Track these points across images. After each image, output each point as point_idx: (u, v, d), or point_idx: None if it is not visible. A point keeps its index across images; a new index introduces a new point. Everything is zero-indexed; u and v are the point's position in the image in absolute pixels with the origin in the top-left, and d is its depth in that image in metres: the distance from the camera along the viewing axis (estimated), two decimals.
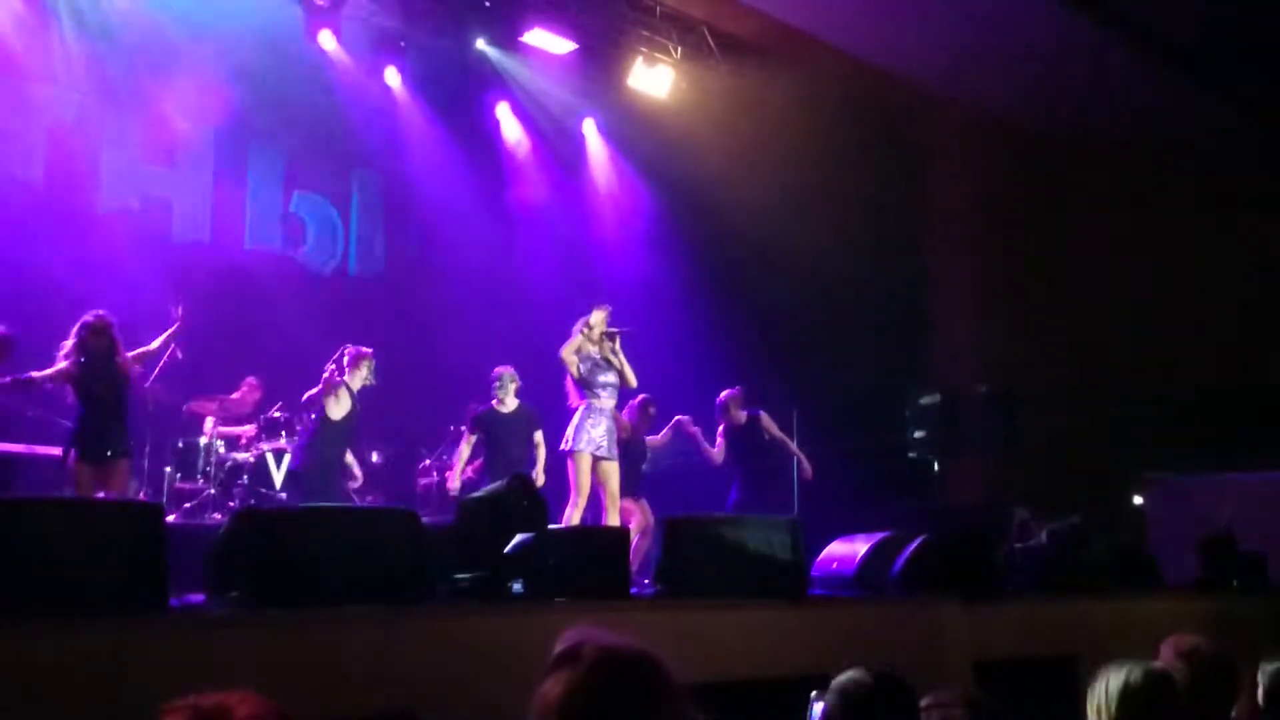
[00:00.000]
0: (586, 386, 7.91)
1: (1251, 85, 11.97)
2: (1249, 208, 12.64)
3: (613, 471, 7.94)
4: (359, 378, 8.89)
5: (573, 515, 7.76)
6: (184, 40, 10.55)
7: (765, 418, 9.57)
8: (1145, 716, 2.86)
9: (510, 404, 8.94)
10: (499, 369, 9.04)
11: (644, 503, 9.42)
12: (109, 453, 7.48)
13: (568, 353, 7.96)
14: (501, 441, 8.83)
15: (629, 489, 8.99)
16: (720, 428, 9.57)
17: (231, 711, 1.54)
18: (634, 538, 8.37)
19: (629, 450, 9.11)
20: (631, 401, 9.34)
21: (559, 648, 1.66)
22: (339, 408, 8.84)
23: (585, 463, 7.78)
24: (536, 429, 8.95)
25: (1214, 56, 11.63)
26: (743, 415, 9.57)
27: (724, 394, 9.65)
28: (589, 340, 7.97)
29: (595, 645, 1.63)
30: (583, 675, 1.59)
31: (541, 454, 8.88)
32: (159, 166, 11.01)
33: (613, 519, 7.86)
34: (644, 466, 9.60)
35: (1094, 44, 11.53)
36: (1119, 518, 11.94)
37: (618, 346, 8.11)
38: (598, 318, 8.03)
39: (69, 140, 10.46)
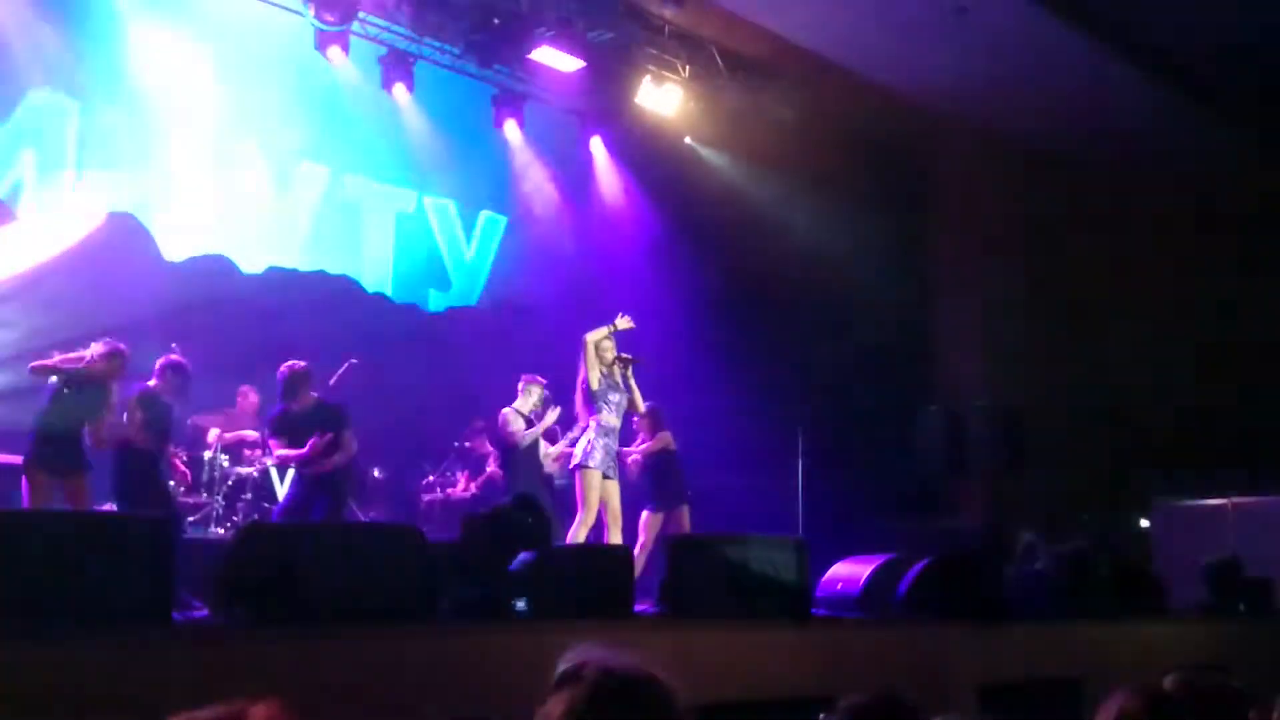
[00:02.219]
0: (597, 400, 7.87)
1: (1261, 110, 11.99)
2: (1258, 231, 12.65)
3: (615, 490, 7.91)
4: (529, 403, 9.11)
5: (579, 532, 7.71)
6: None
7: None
8: None
9: (305, 401, 8.06)
10: (288, 366, 8.08)
11: (684, 512, 9.25)
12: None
13: (591, 369, 7.87)
14: (294, 442, 8.08)
15: (664, 501, 9.09)
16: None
17: (246, 717, 1.52)
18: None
19: (656, 461, 9.20)
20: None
21: (561, 667, 1.65)
22: (529, 435, 9.19)
23: (595, 480, 7.73)
24: (336, 429, 7.98)
25: (1223, 81, 11.66)
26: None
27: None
28: (601, 361, 7.93)
29: (597, 666, 1.62)
30: (585, 696, 1.58)
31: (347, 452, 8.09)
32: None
33: (614, 537, 7.82)
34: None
35: (1101, 67, 11.56)
36: (1125, 541, 11.91)
37: (630, 372, 8.06)
38: (609, 346, 7.98)
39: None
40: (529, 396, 9.13)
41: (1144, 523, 12.48)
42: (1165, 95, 12.08)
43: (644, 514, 9.10)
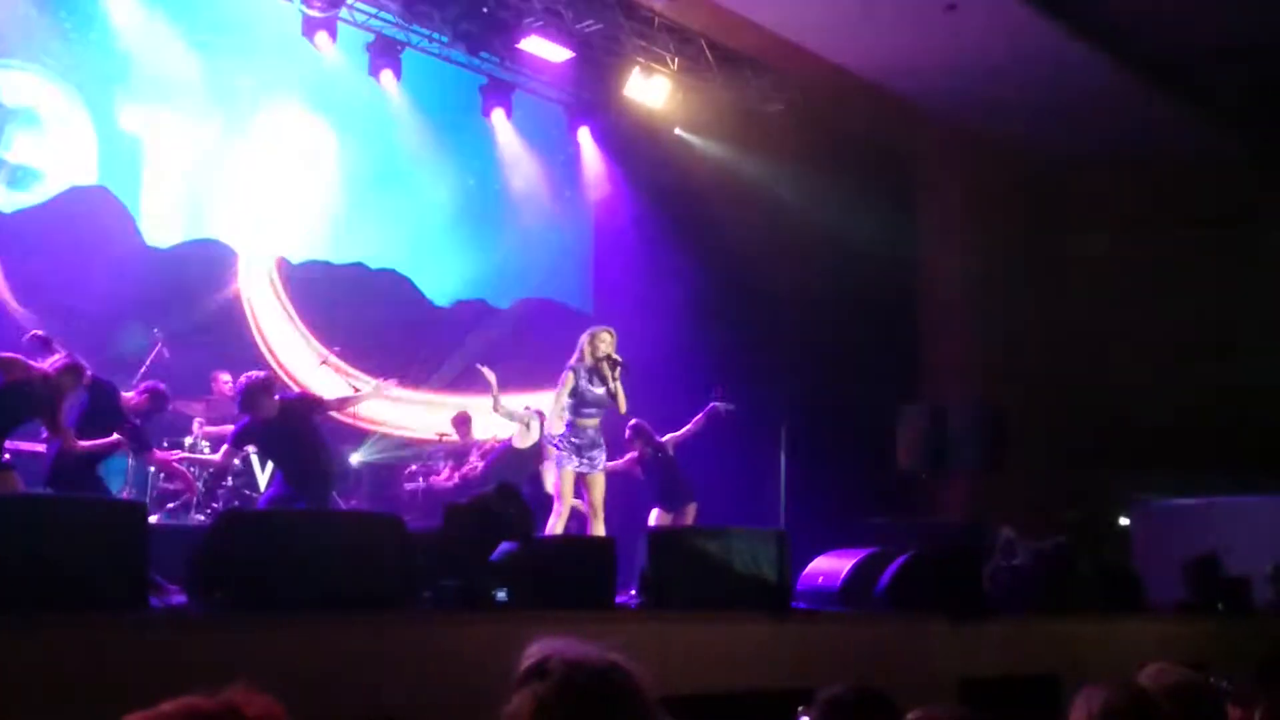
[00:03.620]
0: (579, 401, 7.85)
1: (1243, 103, 12.03)
2: (1244, 230, 12.70)
3: (596, 482, 7.91)
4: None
5: (555, 525, 7.73)
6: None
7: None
8: None
9: (269, 410, 7.61)
10: (246, 378, 7.72)
11: (691, 509, 9.59)
12: None
13: (564, 390, 7.87)
14: (276, 451, 7.93)
15: (673, 500, 9.53)
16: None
17: (240, 710, 1.49)
18: None
19: (656, 467, 9.59)
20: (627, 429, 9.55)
21: (525, 662, 1.62)
22: (527, 438, 9.30)
23: (569, 477, 7.78)
24: (313, 413, 7.88)
25: (1212, 81, 11.70)
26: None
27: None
28: (592, 355, 7.90)
29: (563, 658, 1.58)
30: (553, 690, 1.55)
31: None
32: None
33: (597, 529, 7.83)
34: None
35: (1085, 61, 11.59)
36: (1105, 539, 11.96)
37: (617, 374, 7.97)
38: (601, 342, 7.93)
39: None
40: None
41: (1124, 521, 12.53)
42: (1152, 93, 12.11)
43: (654, 511, 9.60)
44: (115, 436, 7.42)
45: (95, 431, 7.33)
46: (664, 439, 9.73)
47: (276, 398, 7.64)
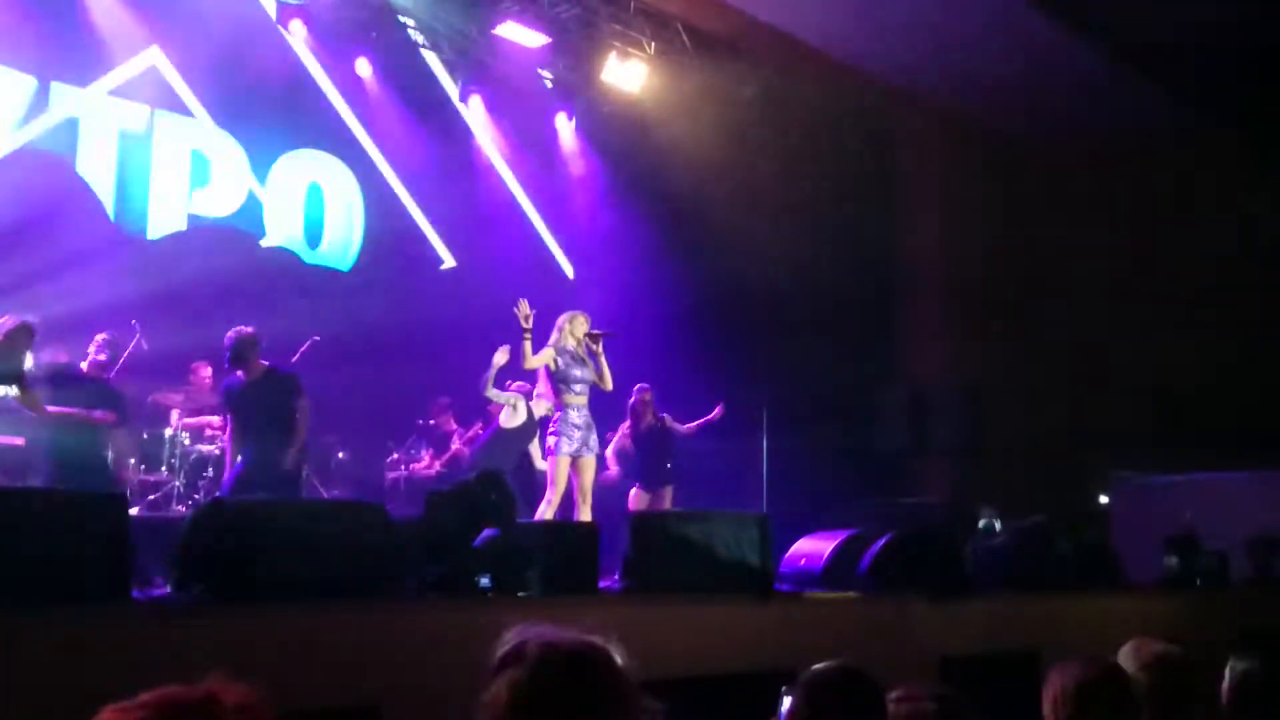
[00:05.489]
0: (563, 382, 7.87)
1: (1221, 88, 12.09)
2: (1218, 208, 12.77)
3: (587, 466, 7.94)
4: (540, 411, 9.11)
5: (546, 512, 7.76)
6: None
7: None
8: (1100, 712, 2.89)
9: (255, 370, 7.78)
10: (235, 332, 7.77)
11: (668, 491, 9.67)
12: None
13: (540, 361, 7.88)
14: (244, 411, 7.84)
15: (654, 480, 9.62)
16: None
17: (218, 699, 1.49)
18: None
19: (650, 439, 9.68)
20: (636, 391, 9.73)
21: (502, 648, 1.62)
22: (515, 417, 9.21)
23: (564, 464, 7.79)
24: (296, 396, 7.81)
25: (1181, 60, 11.74)
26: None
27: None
28: (571, 335, 7.93)
29: (539, 643, 1.59)
30: (528, 675, 1.56)
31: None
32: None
33: (584, 514, 7.84)
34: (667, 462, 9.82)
35: (1065, 46, 11.62)
36: (1084, 516, 12.04)
37: (599, 348, 8.02)
38: (580, 324, 7.98)
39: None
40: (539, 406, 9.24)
41: (1103, 498, 12.62)
42: (1131, 77, 12.15)
43: (634, 490, 9.70)
44: (99, 412, 7.41)
45: (63, 399, 7.32)
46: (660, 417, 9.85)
47: (264, 362, 7.64)
